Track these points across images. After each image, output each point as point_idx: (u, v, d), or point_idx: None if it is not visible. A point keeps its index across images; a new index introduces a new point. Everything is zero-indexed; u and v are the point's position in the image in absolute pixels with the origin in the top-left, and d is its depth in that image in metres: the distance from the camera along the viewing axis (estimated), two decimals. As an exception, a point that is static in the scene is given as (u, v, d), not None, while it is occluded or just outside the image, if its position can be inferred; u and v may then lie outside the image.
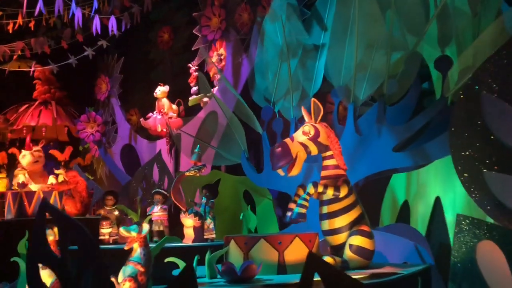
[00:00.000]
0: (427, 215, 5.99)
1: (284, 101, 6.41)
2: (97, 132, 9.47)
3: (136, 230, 3.95)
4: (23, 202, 6.52)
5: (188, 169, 5.39)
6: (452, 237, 5.59)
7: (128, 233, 3.97)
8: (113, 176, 10.10)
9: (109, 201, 5.91)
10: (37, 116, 10.62)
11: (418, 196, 6.15)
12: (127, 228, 3.95)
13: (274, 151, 4.07)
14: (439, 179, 5.84)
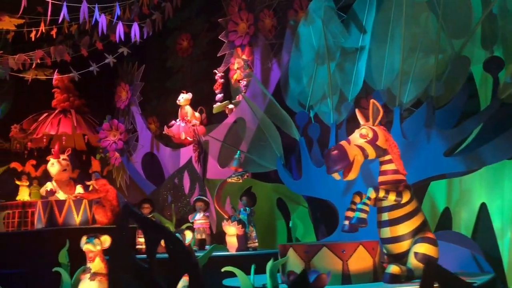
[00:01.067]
0: (471, 223, 5.79)
1: (321, 105, 6.27)
2: (119, 140, 9.33)
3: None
4: (53, 211, 6.36)
5: (230, 176, 5.23)
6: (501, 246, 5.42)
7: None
8: (133, 185, 9.95)
9: (145, 209, 5.75)
10: (57, 125, 10.49)
11: (461, 203, 5.96)
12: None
13: (331, 154, 3.91)
14: (484, 185, 5.65)
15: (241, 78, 8.52)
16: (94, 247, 4.02)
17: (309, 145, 6.22)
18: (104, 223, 6.52)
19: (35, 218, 6.50)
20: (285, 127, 6.27)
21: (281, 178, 6.14)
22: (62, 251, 4.79)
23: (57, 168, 7.25)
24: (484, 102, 5.19)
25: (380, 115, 4.00)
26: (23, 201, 7.60)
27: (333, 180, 5.58)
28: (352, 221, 3.82)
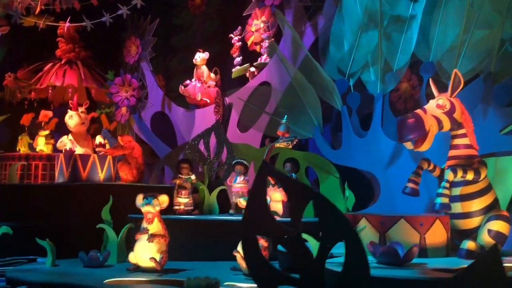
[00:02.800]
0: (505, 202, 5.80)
1: (363, 74, 6.09)
2: (132, 96, 8.95)
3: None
4: (77, 166, 6.05)
5: (277, 140, 5.03)
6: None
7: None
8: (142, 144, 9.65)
9: (184, 169, 5.50)
10: (62, 76, 9.99)
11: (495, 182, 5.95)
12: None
13: (406, 122, 3.76)
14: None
15: (259, 40, 8.23)
16: (154, 208, 3.81)
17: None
18: (129, 181, 6.26)
19: (57, 171, 6.19)
20: (325, 94, 6.07)
21: (319, 147, 5.99)
22: (105, 208, 4.58)
23: (75, 121, 6.91)
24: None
25: (461, 87, 3.85)
26: (41, 153, 7.23)
27: (376, 151, 5.51)
28: (436, 207, 3.69)
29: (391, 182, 5.37)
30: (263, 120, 7.34)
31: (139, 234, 3.88)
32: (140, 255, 3.80)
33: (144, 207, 3.82)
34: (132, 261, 3.87)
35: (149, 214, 3.83)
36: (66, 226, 5.30)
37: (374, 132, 5.54)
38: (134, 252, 3.85)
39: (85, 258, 4.05)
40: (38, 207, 5.73)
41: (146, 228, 3.84)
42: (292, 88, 6.33)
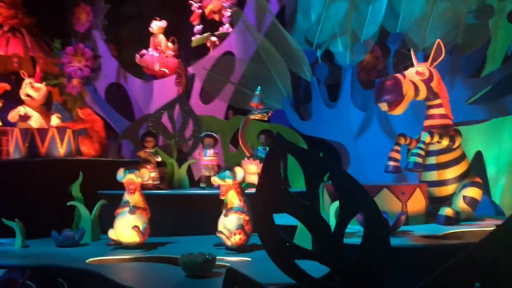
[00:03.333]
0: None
1: (330, 44, 6.08)
2: (86, 67, 8.50)
3: (231, 177, 3.57)
4: (35, 141, 5.69)
5: (251, 112, 4.95)
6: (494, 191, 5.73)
7: (223, 181, 3.58)
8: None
9: (149, 142, 5.32)
10: (5, 45, 9.31)
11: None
12: (221, 176, 3.56)
13: (384, 83, 3.80)
14: (482, 134, 5.88)
15: (218, 8, 8.04)
16: (137, 178, 3.66)
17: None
18: (91, 155, 6.00)
19: (11, 147, 5.80)
20: (293, 64, 6.02)
21: (289, 119, 5.97)
22: (75, 184, 4.34)
23: (42, 94, 6.48)
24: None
25: (442, 57, 3.92)
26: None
27: (346, 122, 5.57)
28: (409, 166, 3.79)
29: (361, 152, 5.46)
30: (228, 91, 7.22)
31: (119, 208, 3.72)
32: (121, 230, 3.65)
33: (127, 176, 3.65)
34: (112, 237, 3.73)
35: (131, 185, 3.67)
36: (27, 204, 5.01)
37: (344, 102, 5.58)
38: (115, 227, 3.70)
39: (59, 237, 3.85)
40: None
41: (127, 201, 3.69)
42: (259, 57, 6.23)
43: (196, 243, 3.89)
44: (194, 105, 7.53)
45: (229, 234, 3.48)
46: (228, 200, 3.60)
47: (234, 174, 3.55)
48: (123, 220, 3.65)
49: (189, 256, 2.80)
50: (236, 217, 3.53)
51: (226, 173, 3.54)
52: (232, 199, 3.58)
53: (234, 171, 3.56)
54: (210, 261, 2.75)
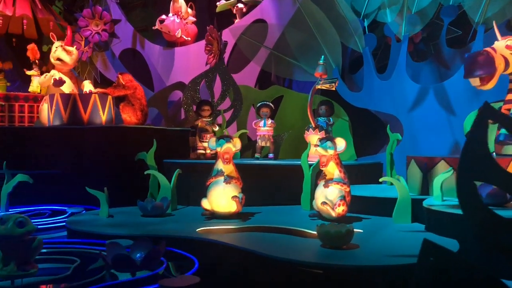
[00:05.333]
0: None
1: (379, 15, 5.99)
2: (103, 31, 8.11)
3: (332, 147, 3.51)
4: (77, 107, 5.42)
5: (317, 82, 4.83)
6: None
7: (325, 151, 3.51)
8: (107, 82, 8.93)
9: (206, 111, 5.15)
10: (12, 5, 8.78)
11: None
12: (324, 146, 3.49)
13: (477, 58, 3.74)
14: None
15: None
16: (234, 147, 3.55)
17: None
18: (133, 123, 5.77)
19: (51, 113, 5.50)
20: (342, 34, 5.91)
21: (338, 90, 5.88)
22: (150, 153, 4.18)
23: (72, 57, 6.16)
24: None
25: (531, 30, 3.90)
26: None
27: (400, 95, 5.53)
28: (500, 138, 3.79)
29: (415, 125, 5.46)
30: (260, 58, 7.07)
31: (212, 178, 3.60)
32: (217, 200, 3.54)
33: (225, 145, 3.53)
34: (206, 207, 3.61)
35: (226, 155, 3.55)
36: (86, 172, 4.80)
37: (399, 74, 5.53)
38: (209, 197, 3.58)
39: (148, 207, 3.71)
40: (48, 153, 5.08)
41: (221, 170, 3.57)
42: (305, 26, 6.07)
43: (287, 213, 3.84)
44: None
45: (332, 205, 3.43)
46: (328, 171, 3.54)
47: (335, 144, 3.48)
48: (218, 189, 3.54)
49: (328, 227, 2.74)
50: (338, 188, 3.47)
51: (327, 144, 3.47)
52: (332, 170, 3.52)
53: (334, 142, 3.49)
54: (351, 232, 2.70)
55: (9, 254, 2.35)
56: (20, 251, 2.36)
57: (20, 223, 2.34)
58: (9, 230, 2.32)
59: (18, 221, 2.35)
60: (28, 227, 2.36)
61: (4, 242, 2.35)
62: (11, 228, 2.33)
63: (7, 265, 2.34)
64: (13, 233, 2.33)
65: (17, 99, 6.26)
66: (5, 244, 2.35)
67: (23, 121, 6.37)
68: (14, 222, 2.33)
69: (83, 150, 5.06)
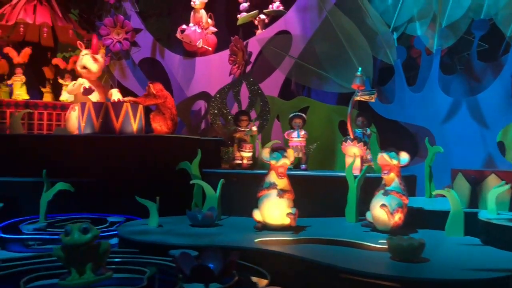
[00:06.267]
0: None
1: (408, 28, 6.03)
2: (125, 40, 8.10)
3: (397, 158, 3.53)
4: (109, 115, 5.39)
5: (355, 93, 4.83)
6: None
7: (390, 160, 3.52)
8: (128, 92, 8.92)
9: (244, 121, 5.14)
10: (32, 13, 8.78)
11: None
12: (391, 155, 3.50)
13: None
14: None
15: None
16: (289, 161, 3.54)
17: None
18: (163, 133, 5.74)
19: (82, 121, 5.46)
20: (373, 46, 5.93)
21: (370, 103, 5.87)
22: (194, 162, 4.15)
23: (98, 65, 6.16)
24: None
25: None
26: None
27: (433, 107, 5.55)
28: None
29: (448, 137, 5.47)
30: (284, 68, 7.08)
31: (264, 190, 3.58)
32: (269, 212, 3.52)
33: (281, 160, 3.51)
34: (258, 219, 3.58)
35: (281, 169, 3.53)
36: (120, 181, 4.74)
37: (431, 87, 5.55)
38: (261, 209, 3.56)
39: (199, 217, 3.67)
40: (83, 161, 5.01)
41: (273, 183, 3.55)
42: (337, 38, 6.09)
43: (335, 225, 3.82)
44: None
45: (393, 211, 3.42)
46: (387, 181, 3.55)
47: (400, 156, 3.50)
48: (271, 202, 3.52)
49: (400, 239, 2.72)
50: (396, 197, 3.47)
51: (393, 153, 3.49)
52: (391, 180, 3.53)
53: (400, 153, 3.51)
54: (423, 245, 2.68)
55: (81, 261, 2.32)
56: (91, 257, 2.34)
57: (84, 229, 2.32)
58: (75, 239, 2.29)
59: (83, 228, 2.33)
60: (93, 232, 2.34)
61: (73, 251, 2.32)
62: (77, 237, 2.31)
63: (82, 273, 2.31)
64: (80, 241, 2.31)
65: (46, 107, 6.24)
66: (74, 252, 2.32)
67: (51, 129, 6.34)
68: (79, 230, 2.31)
69: (117, 158, 5.01)
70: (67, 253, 2.31)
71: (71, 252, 2.30)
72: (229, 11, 9.29)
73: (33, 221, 4.21)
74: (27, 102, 6.67)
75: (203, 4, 8.28)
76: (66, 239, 2.29)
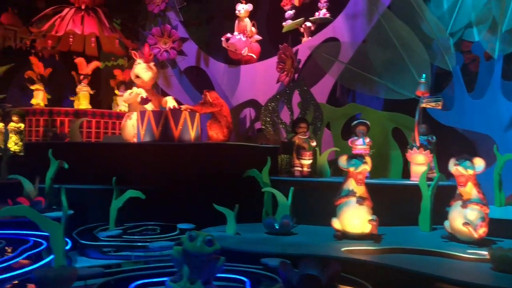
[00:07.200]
0: None
1: (464, 34, 5.94)
2: (172, 49, 8.19)
3: (472, 167, 3.45)
4: (169, 123, 5.45)
5: (420, 100, 4.76)
6: None
7: (465, 170, 3.45)
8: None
9: (302, 128, 5.13)
10: (80, 24, 8.98)
11: None
12: (464, 165, 3.42)
13: None
14: None
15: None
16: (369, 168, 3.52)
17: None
18: (220, 140, 5.77)
19: (142, 129, 5.53)
20: (429, 52, 5.86)
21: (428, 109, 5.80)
22: (264, 170, 4.15)
23: (151, 74, 6.24)
24: None
25: None
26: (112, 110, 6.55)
27: (494, 113, 5.43)
28: None
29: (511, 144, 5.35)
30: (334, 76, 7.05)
31: (343, 198, 3.55)
32: (349, 221, 3.48)
33: (361, 167, 3.49)
34: (337, 227, 3.55)
35: (360, 175, 3.51)
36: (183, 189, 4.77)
37: (493, 93, 5.45)
38: (341, 217, 3.53)
39: (276, 225, 3.67)
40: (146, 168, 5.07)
41: (352, 190, 3.52)
42: (392, 43, 6.03)
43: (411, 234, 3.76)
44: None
45: (474, 226, 3.34)
46: (465, 192, 3.46)
47: (474, 164, 3.41)
48: (351, 210, 3.48)
49: (506, 251, 2.65)
50: (477, 209, 3.39)
51: (467, 163, 3.40)
52: (469, 190, 3.44)
53: (473, 161, 3.42)
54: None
55: (196, 271, 2.32)
56: (207, 270, 2.33)
57: (209, 241, 2.31)
58: (198, 248, 2.29)
59: (207, 240, 2.32)
60: (216, 246, 2.33)
61: (193, 259, 2.32)
62: (200, 246, 2.31)
63: (193, 283, 2.31)
64: (202, 252, 2.30)
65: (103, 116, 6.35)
66: (193, 261, 2.32)
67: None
68: (203, 241, 2.30)
69: (179, 166, 5.05)
70: (185, 258, 2.31)
71: (189, 258, 2.30)
72: (270, 20, 9.33)
73: (104, 228, 4.26)
74: (94, 111, 6.79)
75: (247, 12, 8.34)
76: (189, 245, 2.29)
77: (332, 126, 6.75)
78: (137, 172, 5.02)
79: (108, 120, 6.44)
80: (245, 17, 8.35)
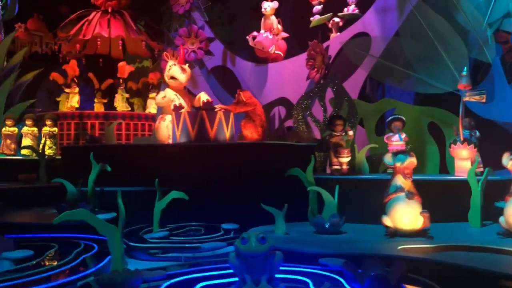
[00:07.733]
0: None
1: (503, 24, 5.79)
2: (199, 49, 8.19)
3: None
4: (204, 124, 5.44)
5: (463, 94, 4.67)
6: None
7: None
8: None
9: (339, 126, 5.07)
10: (107, 27, 9.04)
11: None
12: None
13: None
14: None
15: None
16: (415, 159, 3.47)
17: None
18: (255, 139, 5.74)
19: (178, 130, 5.53)
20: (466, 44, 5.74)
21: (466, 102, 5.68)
22: (308, 169, 4.11)
23: (187, 75, 6.25)
24: None
25: None
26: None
27: (539, 106, 5.28)
28: None
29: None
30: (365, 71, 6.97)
31: (392, 194, 3.49)
32: (401, 216, 3.42)
33: (407, 161, 3.43)
34: (388, 224, 3.49)
35: (407, 170, 3.45)
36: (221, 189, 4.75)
37: (536, 85, 5.31)
38: (392, 214, 3.47)
39: (326, 224, 3.62)
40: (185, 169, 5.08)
41: (400, 186, 3.47)
42: (426, 35, 5.92)
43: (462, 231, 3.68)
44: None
45: None
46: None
47: None
48: (402, 206, 3.42)
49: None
50: None
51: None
52: None
53: None
54: None
55: (257, 271, 2.30)
56: (267, 268, 2.31)
57: (262, 239, 2.29)
58: (254, 248, 2.27)
59: (260, 238, 2.30)
60: (270, 242, 2.30)
61: (251, 261, 2.29)
62: (255, 246, 2.28)
63: (257, 283, 2.28)
64: (259, 250, 2.28)
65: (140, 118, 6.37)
66: (252, 262, 2.29)
67: (142, 139, 6.48)
68: (256, 239, 2.28)
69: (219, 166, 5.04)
70: (243, 261, 2.29)
71: (247, 260, 2.28)
72: (294, 17, 9.28)
73: (148, 229, 4.27)
74: (123, 114, 6.84)
75: (273, 10, 8.29)
76: (243, 247, 2.26)
77: (366, 122, 6.66)
78: (176, 173, 5.02)
79: (137, 122, 6.45)
80: (271, 14, 8.31)
